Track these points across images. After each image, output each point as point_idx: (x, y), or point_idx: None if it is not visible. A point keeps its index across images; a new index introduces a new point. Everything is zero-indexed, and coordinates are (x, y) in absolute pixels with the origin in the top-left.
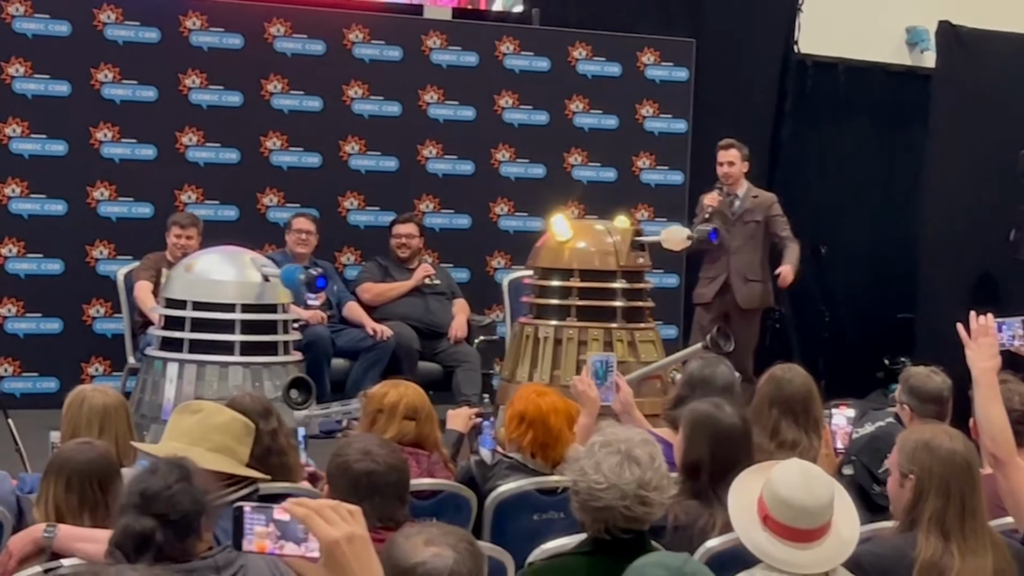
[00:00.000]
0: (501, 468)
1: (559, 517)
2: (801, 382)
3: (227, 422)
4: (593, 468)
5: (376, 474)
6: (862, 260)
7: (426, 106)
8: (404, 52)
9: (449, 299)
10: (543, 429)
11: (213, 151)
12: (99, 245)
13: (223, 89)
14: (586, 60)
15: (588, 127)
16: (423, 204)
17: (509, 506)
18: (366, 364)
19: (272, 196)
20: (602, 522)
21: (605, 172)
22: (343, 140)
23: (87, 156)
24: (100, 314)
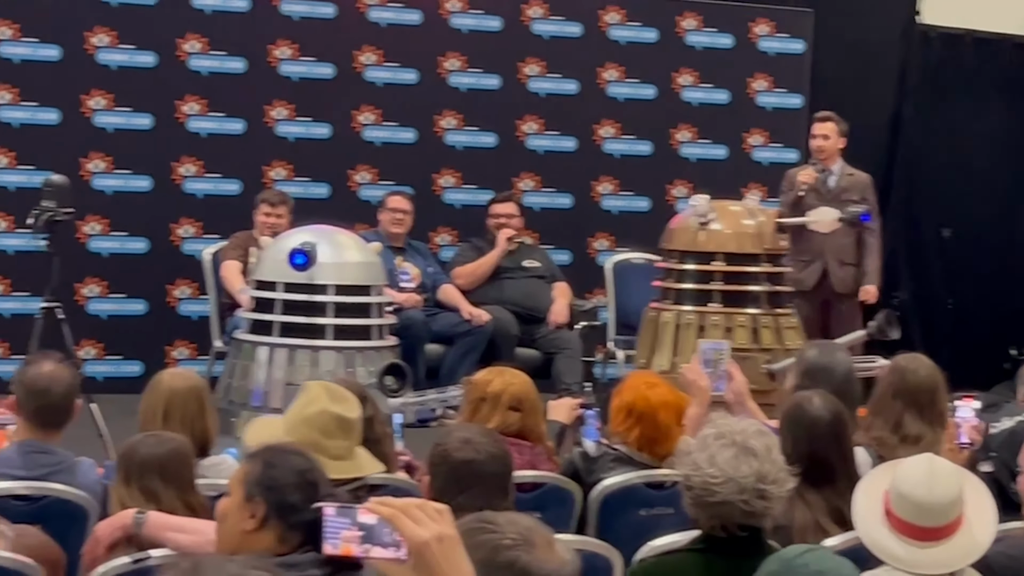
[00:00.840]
0: (606, 461)
1: (668, 512)
2: (927, 373)
3: (314, 415)
4: (707, 462)
5: (477, 463)
6: (988, 244)
7: (526, 79)
8: (504, 22)
9: (549, 282)
10: (651, 425)
11: (304, 126)
12: (184, 223)
13: (314, 60)
14: (696, 31)
15: (697, 102)
16: (522, 182)
17: (615, 500)
18: (462, 350)
19: (364, 173)
20: (718, 518)
21: (715, 149)
22: (438, 115)
23: (173, 130)
24: (185, 295)
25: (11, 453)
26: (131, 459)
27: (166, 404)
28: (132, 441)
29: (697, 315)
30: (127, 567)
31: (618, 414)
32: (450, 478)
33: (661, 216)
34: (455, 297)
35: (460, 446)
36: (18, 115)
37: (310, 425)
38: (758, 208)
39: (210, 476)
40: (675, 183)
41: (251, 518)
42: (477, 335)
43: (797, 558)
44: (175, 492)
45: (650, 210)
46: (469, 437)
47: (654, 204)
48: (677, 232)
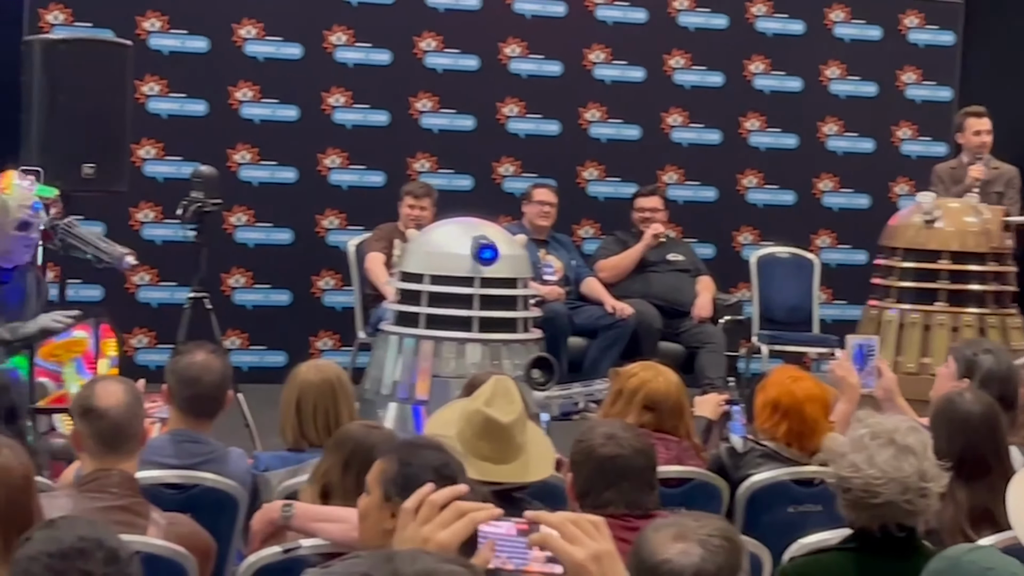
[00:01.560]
0: (753, 456)
1: (817, 510)
2: None
3: (471, 413)
4: (867, 463)
5: (622, 459)
6: None
7: (671, 71)
8: (650, 15)
9: (693, 276)
10: (798, 419)
11: (448, 117)
12: (329, 214)
13: (458, 52)
14: (844, 23)
15: (844, 94)
16: (667, 175)
17: (763, 497)
18: (605, 343)
19: (508, 165)
20: (878, 519)
21: (862, 143)
22: (583, 107)
23: (318, 122)
24: (330, 286)
25: (163, 441)
26: (349, 446)
27: (299, 396)
28: (351, 429)
29: (922, 314)
30: (278, 556)
31: (764, 409)
32: (595, 474)
33: (806, 210)
34: (598, 290)
35: (604, 442)
36: (166, 106)
37: (468, 422)
38: (983, 206)
39: None
40: (821, 176)
41: (391, 518)
42: (620, 329)
43: (964, 555)
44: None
45: (795, 204)
46: (612, 432)
47: (799, 198)
48: (899, 229)
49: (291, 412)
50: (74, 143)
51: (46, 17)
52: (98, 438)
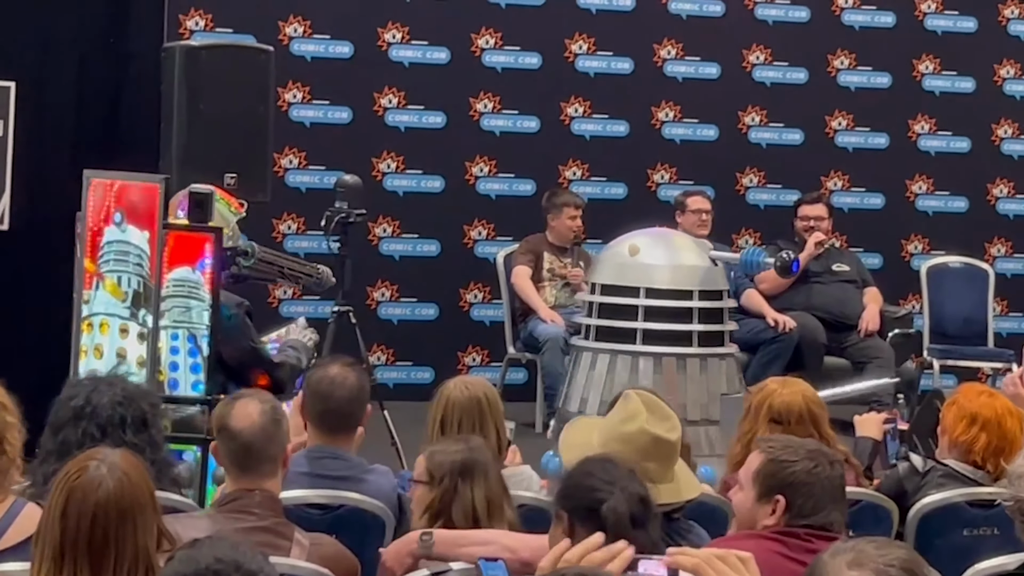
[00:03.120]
0: (935, 476)
1: (993, 533)
2: None
3: (633, 434)
4: None
5: (838, 478)
6: None
7: (835, 72)
8: (811, 12)
9: (860, 287)
10: (998, 433)
11: (600, 123)
12: (477, 225)
13: (611, 55)
14: (936, 14)
15: (940, 91)
16: (831, 181)
17: (936, 519)
18: (767, 358)
19: (663, 172)
20: None
21: (957, 142)
22: (742, 110)
23: (466, 128)
24: (478, 300)
25: (300, 458)
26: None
27: (444, 414)
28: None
29: None
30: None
31: (958, 422)
32: (810, 498)
33: (979, 216)
34: (759, 303)
35: (819, 461)
36: (310, 114)
37: (627, 443)
38: None
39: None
40: (996, 181)
41: (563, 532)
42: (782, 342)
43: None
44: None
45: (967, 210)
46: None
47: (972, 204)
48: None
49: (435, 430)
50: (215, 152)
51: (187, 23)
52: (231, 458)
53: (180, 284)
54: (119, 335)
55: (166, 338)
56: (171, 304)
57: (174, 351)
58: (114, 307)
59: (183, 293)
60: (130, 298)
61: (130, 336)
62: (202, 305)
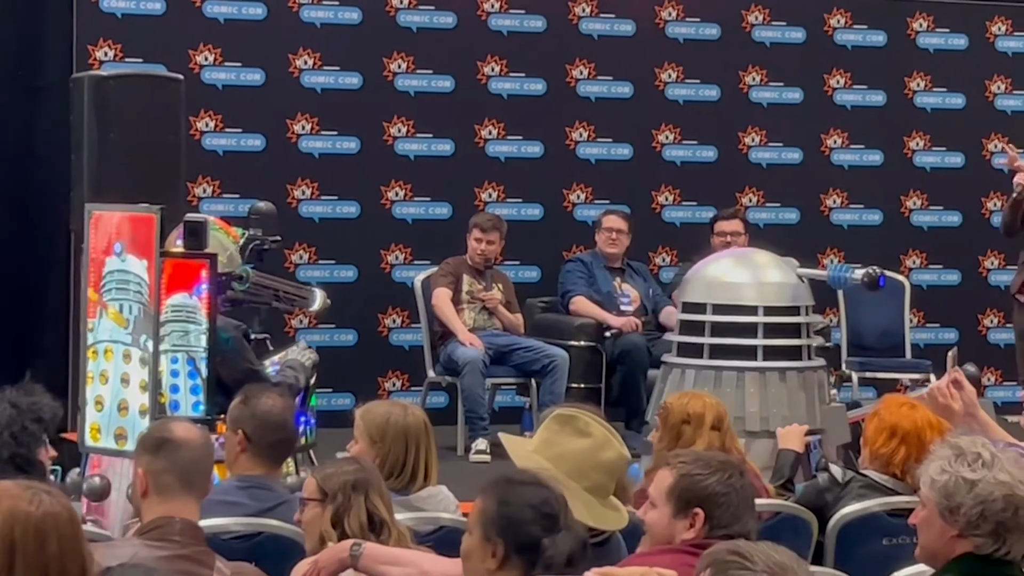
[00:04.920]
0: (855, 487)
1: (912, 542)
2: None
3: (614, 462)
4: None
5: (751, 489)
6: None
7: (747, 88)
8: (722, 30)
9: None
10: (918, 445)
11: (515, 144)
12: (395, 249)
13: (524, 76)
14: (927, 32)
15: (931, 107)
16: (746, 197)
17: (855, 529)
18: None
19: (579, 192)
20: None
21: (951, 157)
22: (656, 129)
23: (380, 153)
24: (397, 324)
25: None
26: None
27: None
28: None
29: None
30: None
31: (879, 435)
32: (727, 509)
33: (894, 229)
34: None
35: (732, 474)
36: (222, 142)
37: (608, 472)
38: None
39: (427, 508)
40: (910, 194)
41: (492, 557)
42: None
43: None
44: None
45: (882, 223)
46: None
47: (886, 217)
48: None
49: (395, 456)
50: (127, 182)
51: (96, 54)
52: (177, 472)
53: (178, 309)
54: (123, 361)
55: (166, 362)
56: (170, 329)
57: (174, 374)
58: (117, 334)
59: (181, 318)
60: (132, 325)
61: (132, 361)
62: (199, 329)
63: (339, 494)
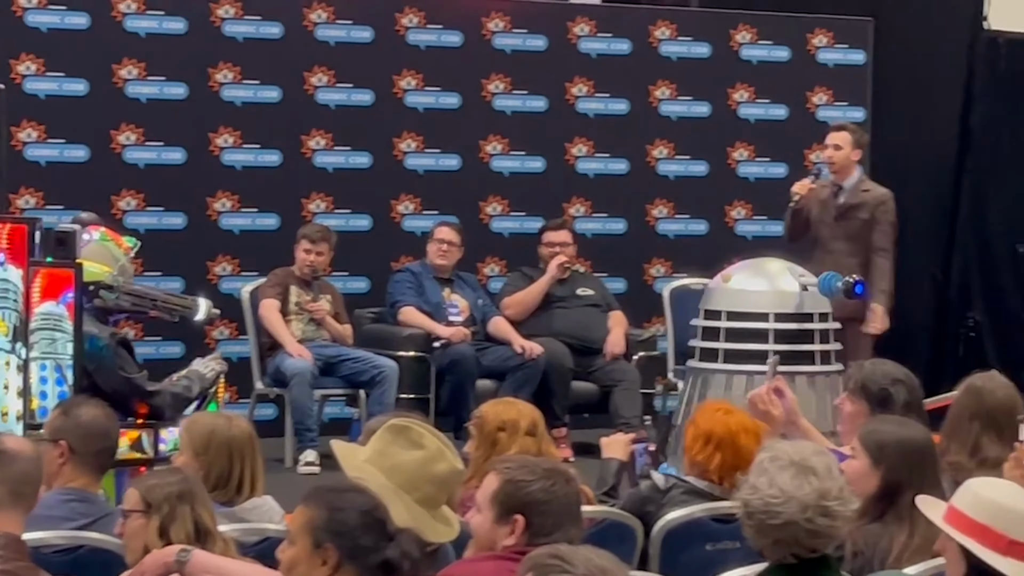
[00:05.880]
0: (677, 493)
1: (735, 547)
2: (1005, 392)
3: (447, 474)
4: (767, 484)
5: (578, 496)
6: None
7: (574, 100)
8: (549, 41)
9: (604, 311)
10: (732, 451)
11: (343, 155)
12: (222, 260)
13: (351, 87)
14: (750, 44)
15: (755, 119)
16: (573, 208)
17: (679, 535)
18: (514, 384)
19: (408, 203)
20: (784, 543)
21: (774, 168)
22: (484, 140)
23: (206, 163)
24: (224, 336)
25: (53, 500)
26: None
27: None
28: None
29: None
30: None
31: (695, 442)
32: (549, 516)
33: (719, 239)
34: (506, 330)
35: (556, 479)
36: (45, 153)
37: (442, 486)
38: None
39: (252, 519)
40: (734, 204)
41: (323, 565)
42: (530, 369)
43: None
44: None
45: (708, 233)
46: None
47: (712, 227)
48: None
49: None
50: None
51: None
52: (8, 485)
53: (46, 317)
54: (3, 368)
55: (36, 369)
56: (39, 337)
57: (43, 381)
58: (1, 342)
59: (49, 326)
60: (11, 332)
61: (11, 368)
62: (66, 337)
63: (164, 505)
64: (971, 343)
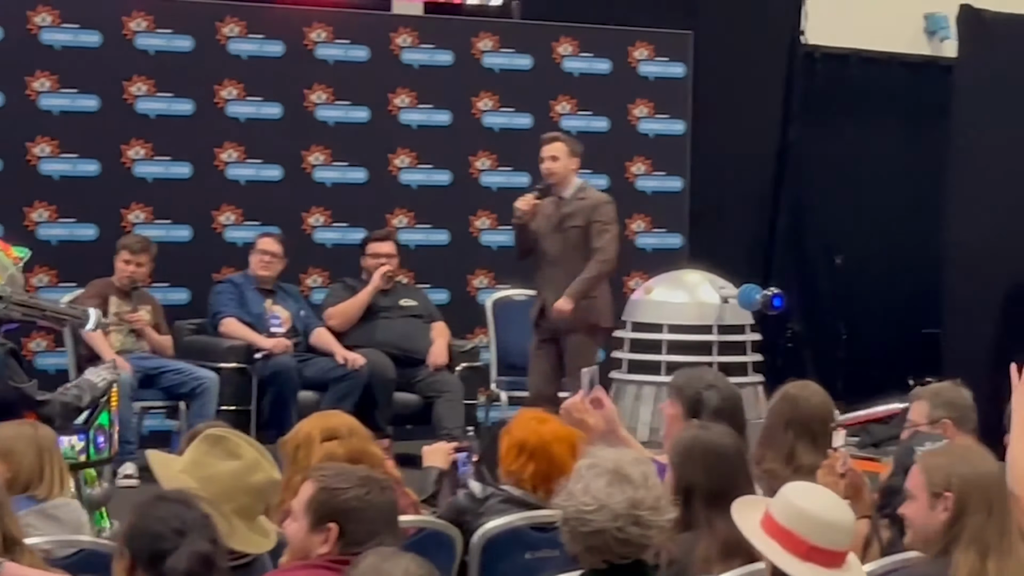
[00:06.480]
0: (495, 502)
1: (554, 555)
2: (819, 401)
3: (263, 485)
4: (582, 491)
5: (393, 504)
6: (882, 271)
7: (397, 111)
8: (371, 52)
9: (427, 322)
10: (545, 460)
11: (163, 165)
12: (39, 271)
13: (172, 97)
14: (572, 57)
15: (577, 130)
16: (396, 219)
17: (499, 544)
18: (337, 396)
19: (229, 214)
20: (596, 550)
21: (596, 179)
22: (306, 150)
23: (25, 174)
24: (42, 348)
25: None
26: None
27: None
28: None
29: None
30: None
31: (509, 452)
32: (363, 524)
33: None
34: (328, 341)
35: (369, 488)
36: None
37: (256, 495)
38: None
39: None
40: None
41: (123, 572)
42: (352, 380)
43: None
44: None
45: None
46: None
47: None
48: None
49: None
50: None
51: None
52: None
53: None
54: None
55: None
56: None
57: None
58: None
59: None
60: None
61: None
62: None
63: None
64: (789, 353)
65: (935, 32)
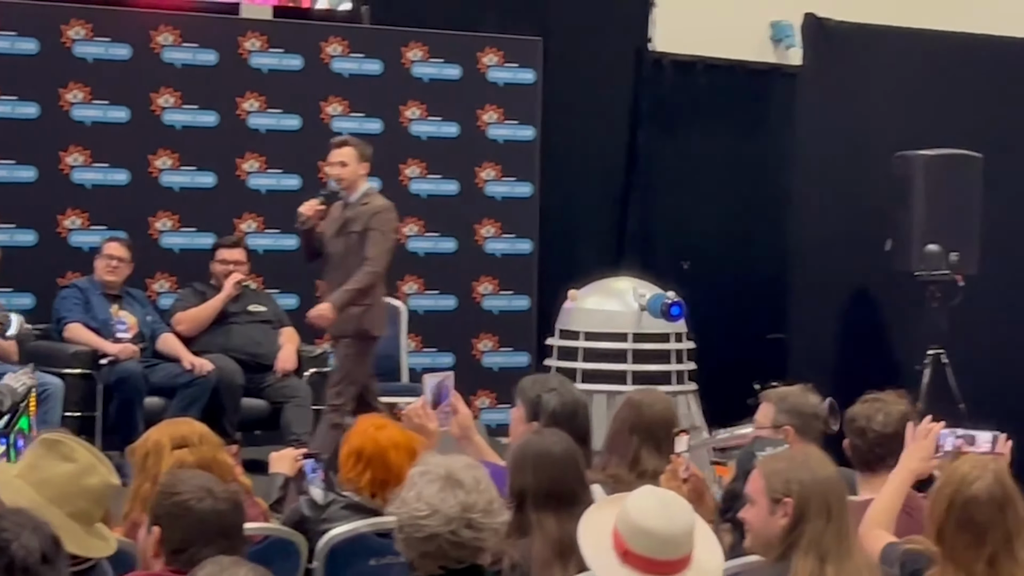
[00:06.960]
0: (337, 508)
1: (399, 560)
2: (663, 406)
3: (100, 488)
4: (415, 498)
5: (223, 514)
6: (728, 276)
7: (245, 115)
8: (219, 56)
9: (276, 328)
10: (382, 467)
11: (6, 169)
12: None
13: (16, 100)
14: (422, 62)
15: (426, 136)
16: (244, 224)
17: (343, 550)
18: (184, 402)
19: (75, 218)
20: (431, 556)
21: (446, 185)
22: (153, 154)
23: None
24: None
25: None
26: None
27: None
28: None
29: None
30: None
31: (348, 460)
32: (193, 531)
33: (395, 256)
34: (175, 346)
35: (203, 495)
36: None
37: (92, 498)
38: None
39: None
40: (405, 221)
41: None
42: (200, 386)
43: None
44: None
45: None
46: (208, 486)
47: None
48: None
49: None
50: None
51: None
52: None
53: None
54: None
55: None
56: None
57: None
58: None
59: None
60: None
61: None
62: None
63: None
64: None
65: (781, 40)
